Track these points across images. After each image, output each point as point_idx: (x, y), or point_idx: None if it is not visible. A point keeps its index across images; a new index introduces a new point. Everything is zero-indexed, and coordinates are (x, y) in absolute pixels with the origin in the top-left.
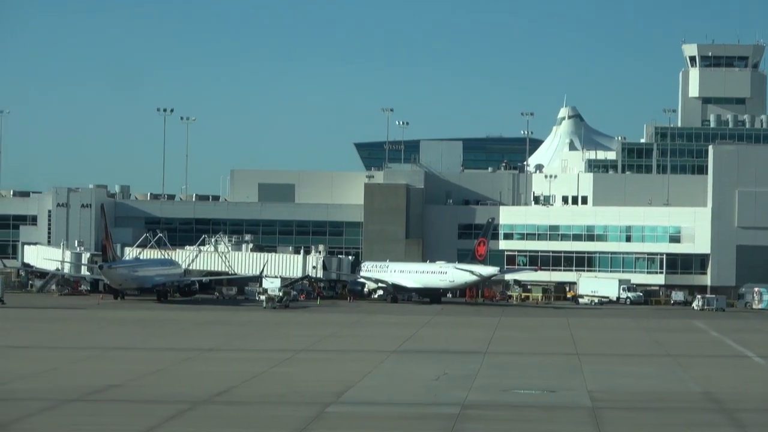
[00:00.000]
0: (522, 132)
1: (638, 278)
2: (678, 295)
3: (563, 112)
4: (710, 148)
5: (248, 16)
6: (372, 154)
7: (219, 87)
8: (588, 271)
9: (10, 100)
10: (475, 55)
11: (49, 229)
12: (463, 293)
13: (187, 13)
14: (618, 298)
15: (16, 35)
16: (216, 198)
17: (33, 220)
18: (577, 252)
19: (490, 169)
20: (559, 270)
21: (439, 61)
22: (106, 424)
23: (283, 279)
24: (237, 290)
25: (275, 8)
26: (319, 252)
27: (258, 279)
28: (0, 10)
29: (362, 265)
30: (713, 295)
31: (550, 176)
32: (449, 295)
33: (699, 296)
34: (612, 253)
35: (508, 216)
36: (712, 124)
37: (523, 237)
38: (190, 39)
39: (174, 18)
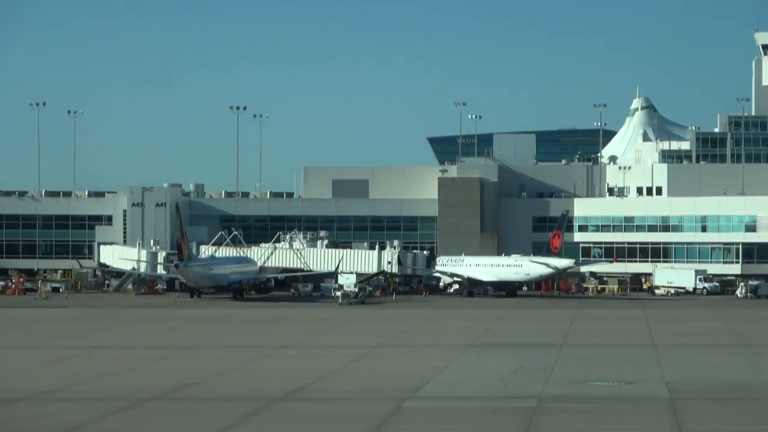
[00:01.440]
0: (595, 124)
1: (714, 268)
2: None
3: (636, 103)
4: None
5: (318, 13)
6: (445, 148)
7: (291, 84)
8: (664, 261)
9: (84, 101)
10: (546, 48)
11: (125, 228)
12: (539, 286)
13: (258, 11)
14: (694, 289)
15: (89, 36)
16: (290, 195)
17: (108, 220)
18: (652, 243)
19: (563, 161)
20: (635, 261)
21: (510, 54)
22: (183, 422)
23: (358, 275)
24: (313, 287)
25: (346, 4)
26: (394, 247)
27: (333, 275)
28: (72, 13)
29: (437, 259)
30: (756, 282)
31: (624, 167)
32: (525, 288)
33: (742, 283)
34: (687, 243)
35: (583, 208)
36: None
37: (597, 229)
38: (261, 36)
39: (246, 16)
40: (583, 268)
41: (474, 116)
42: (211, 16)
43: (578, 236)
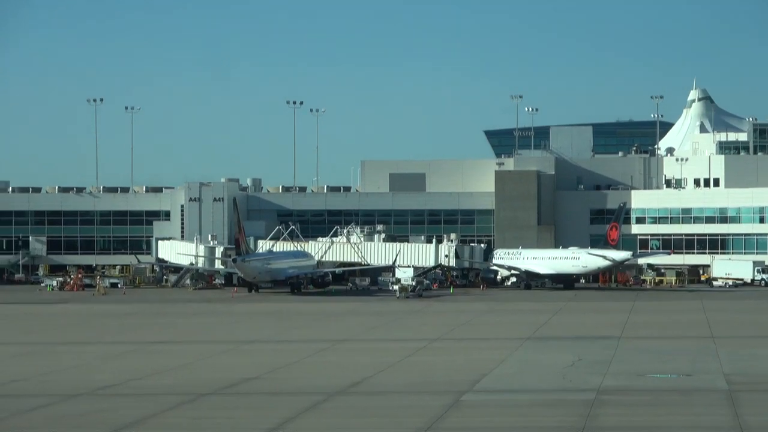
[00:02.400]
0: (652, 115)
1: None
2: None
3: (693, 94)
4: None
5: (373, 6)
6: (502, 141)
7: (348, 78)
8: (721, 253)
9: (141, 97)
10: (603, 40)
11: (182, 224)
12: (596, 278)
13: (313, 5)
14: (752, 280)
15: (146, 31)
16: (347, 189)
17: (166, 215)
18: (710, 234)
19: (620, 153)
20: (693, 253)
21: (567, 46)
22: (241, 417)
23: (415, 268)
24: (370, 280)
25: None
26: (451, 240)
27: (391, 269)
28: (129, 8)
29: (494, 252)
30: None
31: (682, 159)
32: (582, 280)
33: None
34: (745, 234)
35: (640, 200)
36: None
37: (655, 221)
38: (318, 31)
39: (301, 10)
40: (641, 260)
41: (531, 109)
42: (267, 10)
43: (636, 228)
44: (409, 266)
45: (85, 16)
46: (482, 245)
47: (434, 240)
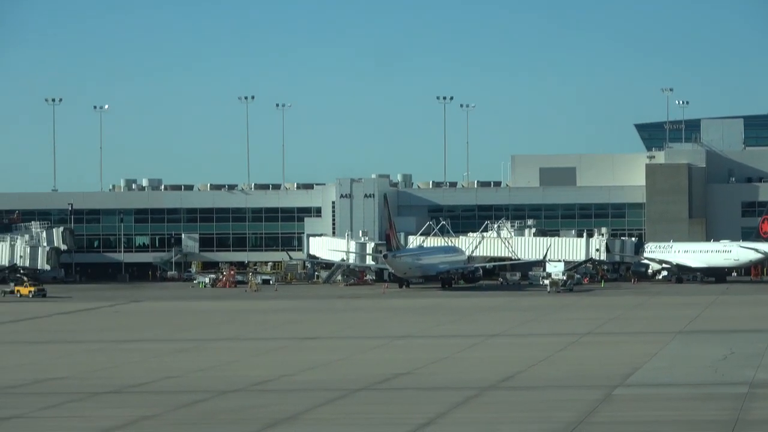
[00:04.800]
0: None
1: None
2: None
3: None
4: None
5: (523, 3)
6: (652, 134)
7: (497, 72)
8: None
9: (291, 93)
10: (752, 31)
11: (333, 220)
12: (748, 272)
13: (463, 3)
14: None
15: (296, 29)
16: (497, 184)
17: (317, 211)
18: None
19: None
20: None
21: (717, 39)
22: (394, 412)
23: (566, 263)
24: (521, 275)
25: None
26: (602, 234)
27: (541, 263)
28: (285, 6)
29: (645, 246)
30: None
31: None
32: (734, 273)
33: None
34: None
35: None
36: None
37: None
38: (467, 27)
39: (453, 7)
40: None
41: (681, 102)
42: (419, 6)
43: None
44: (559, 260)
45: (236, 12)
46: (633, 239)
47: (585, 234)
